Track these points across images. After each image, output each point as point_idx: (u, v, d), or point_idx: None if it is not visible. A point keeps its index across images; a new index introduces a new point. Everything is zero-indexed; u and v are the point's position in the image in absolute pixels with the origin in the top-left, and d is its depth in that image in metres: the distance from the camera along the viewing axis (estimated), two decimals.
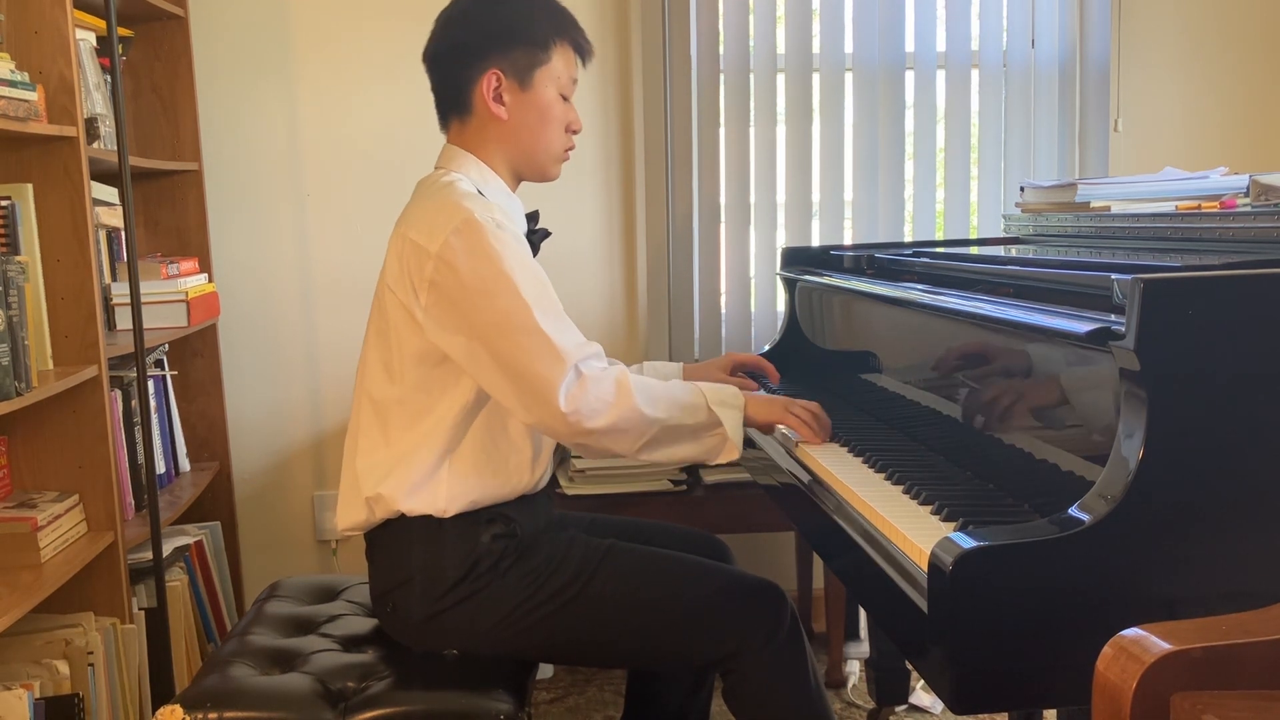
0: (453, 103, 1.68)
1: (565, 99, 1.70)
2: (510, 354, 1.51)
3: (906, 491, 1.43)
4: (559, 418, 1.51)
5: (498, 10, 1.66)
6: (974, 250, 2.25)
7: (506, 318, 1.51)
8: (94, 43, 2.29)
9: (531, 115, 1.66)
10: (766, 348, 2.45)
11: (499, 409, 1.60)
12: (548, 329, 1.52)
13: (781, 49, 2.86)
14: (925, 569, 1.15)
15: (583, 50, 1.72)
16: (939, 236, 2.91)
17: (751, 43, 2.83)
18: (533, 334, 1.51)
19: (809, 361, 2.31)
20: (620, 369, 1.60)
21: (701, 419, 1.61)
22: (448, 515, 1.58)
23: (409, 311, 1.56)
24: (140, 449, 2.31)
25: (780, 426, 1.74)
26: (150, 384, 2.40)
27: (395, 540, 1.61)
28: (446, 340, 1.54)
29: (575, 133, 1.73)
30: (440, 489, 1.58)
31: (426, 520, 1.59)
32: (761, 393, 1.85)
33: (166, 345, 2.64)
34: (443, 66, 1.68)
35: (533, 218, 1.75)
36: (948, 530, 1.25)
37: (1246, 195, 1.77)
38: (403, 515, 1.60)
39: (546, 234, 1.76)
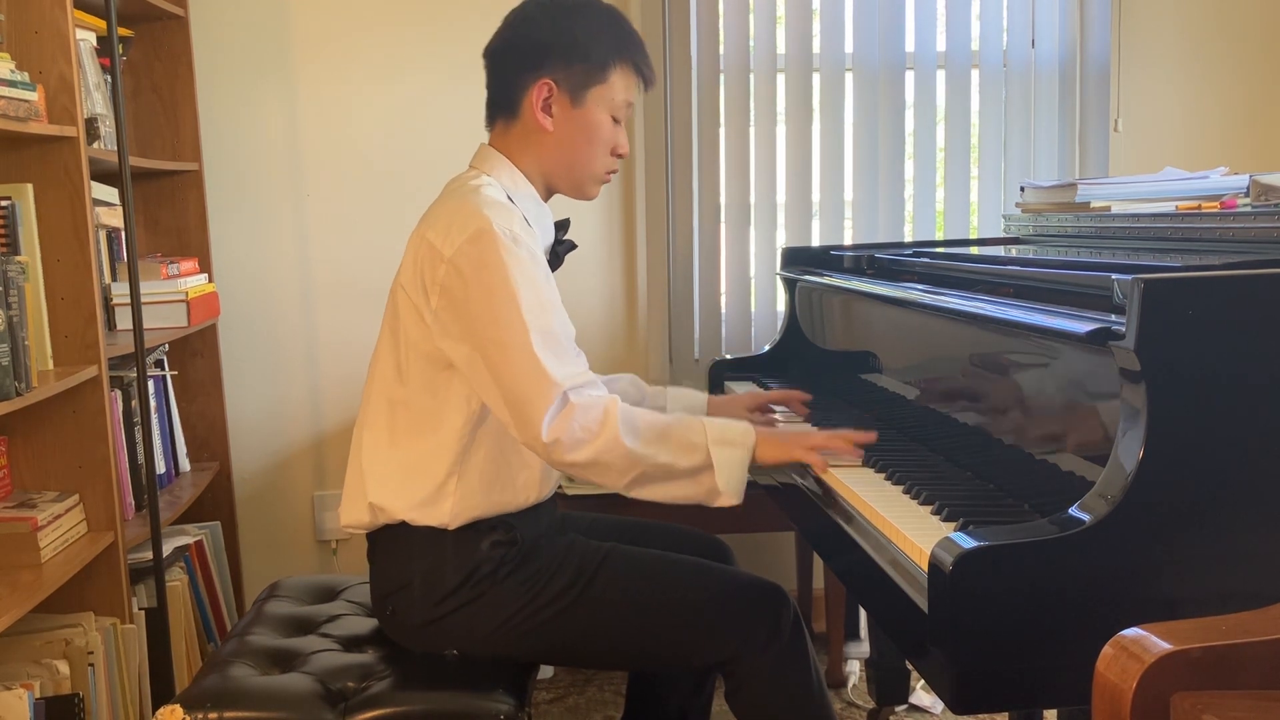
0: (502, 104, 1.66)
1: (616, 121, 1.66)
2: (504, 371, 1.50)
3: (906, 491, 1.43)
4: (541, 445, 1.49)
5: (565, 22, 1.62)
6: (974, 250, 2.26)
7: (504, 334, 1.49)
8: (94, 43, 2.29)
9: (577, 132, 1.64)
10: (767, 348, 2.45)
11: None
12: (540, 353, 1.49)
13: (781, 49, 2.86)
14: (925, 569, 1.15)
15: (645, 77, 1.68)
16: (939, 236, 2.91)
17: (751, 43, 2.83)
18: (526, 356, 1.49)
19: (809, 361, 2.31)
20: (612, 400, 1.54)
21: (698, 460, 1.54)
22: (451, 529, 1.58)
23: (419, 313, 1.55)
24: (140, 449, 2.31)
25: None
26: (150, 384, 2.40)
27: (396, 544, 1.61)
28: (450, 346, 1.53)
29: (620, 157, 1.70)
30: (446, 505, 1.57)
31: (428, 528, 1.58)
32: (782, 426, 1.82)
33: (166, 345, 2.64)
34: (499, 66, 1.66)
35: (563, 225, 1.73)
36: (948, 530, 1.25)
37: (1246, 195, 1.77)
38: (405, 523, 1.59)
39: (573, 246, 1.74)
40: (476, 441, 1.58)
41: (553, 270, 1.67)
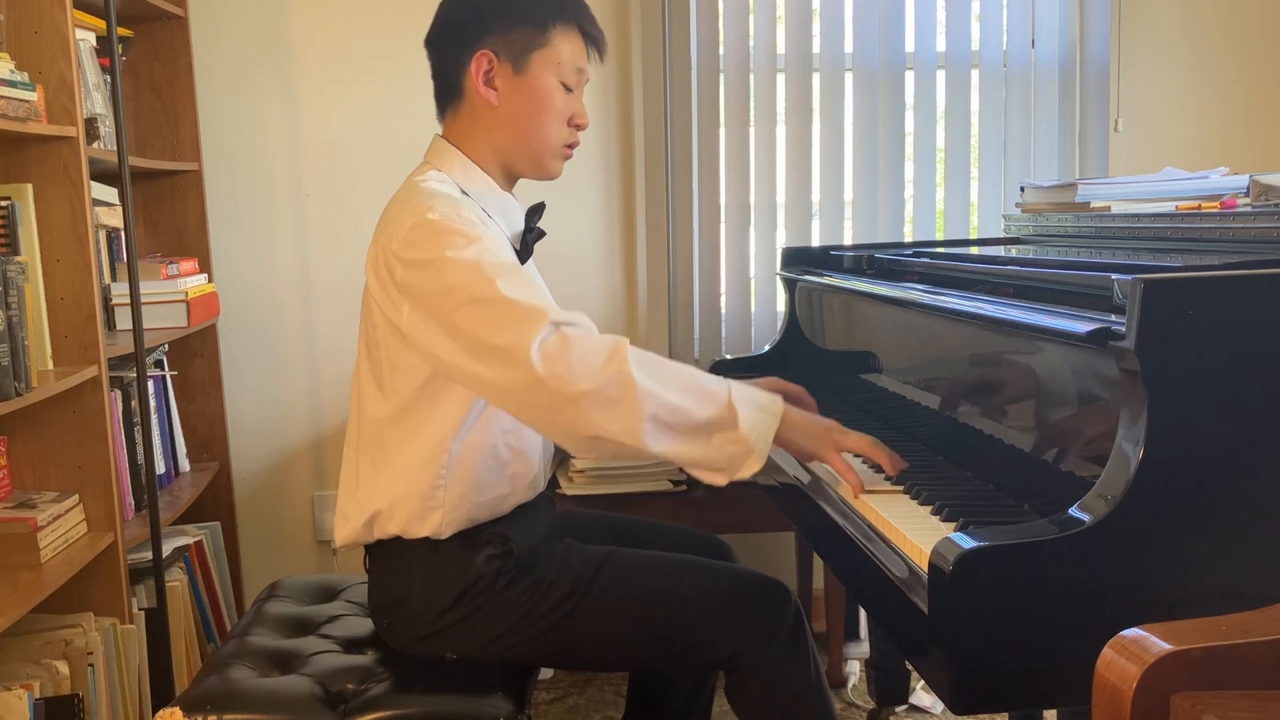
0: (447, 89, 1.62)
1: (569, 89, 1.60)
2: (474, 329, 1.40)
3: (906, 491, 1.43)
4: (536, 382, 1.35)
5: None
6: (974, 250, 2.26)
7: (466, 294, 1.40)
8: (94, 43, 2.29)
9: (526, 102, 1.57)
10: (766, 348, 2.45)
11: (491, 428, 1.55)
12: (515, 295, 1.39)
13: (781, 49, 2.86)
14: (925, 569, 1.15)
15: (592, 39, 1.62)
16: (939, 236, 2.91)
17: (751, 43, 2.83)
18: (496, 303, 1.39)
19: (809, 361, 2.31)
20: (620, 337, 1.42)
21: (715, 412, 1.40)
22: (444, 537, 1.56)
23: (392, 324, 1.51)
24: (140, 449, 2.31)
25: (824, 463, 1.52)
26: (150, 384, 2.40)
27: (393, 559, 1.59)
28: (429, 346, 1.46)
29: (580, 128, 1.63)
30: (436, 515, 1.55)
31: (423, 541, 1.57)
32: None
33: (166, 345, 2.64)
34: (438, 49, 1.62)
35: (536, 210, 1.67)
36: (948, 530, 1.25)
37: (1246, 195, 1.77)
38: (399, 536, 1.58)
39: (541, 234, 1.67)
40: (462, 452, 1.55)
41: (522, 261, 1.62)
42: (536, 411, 1.41)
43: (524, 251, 1.65)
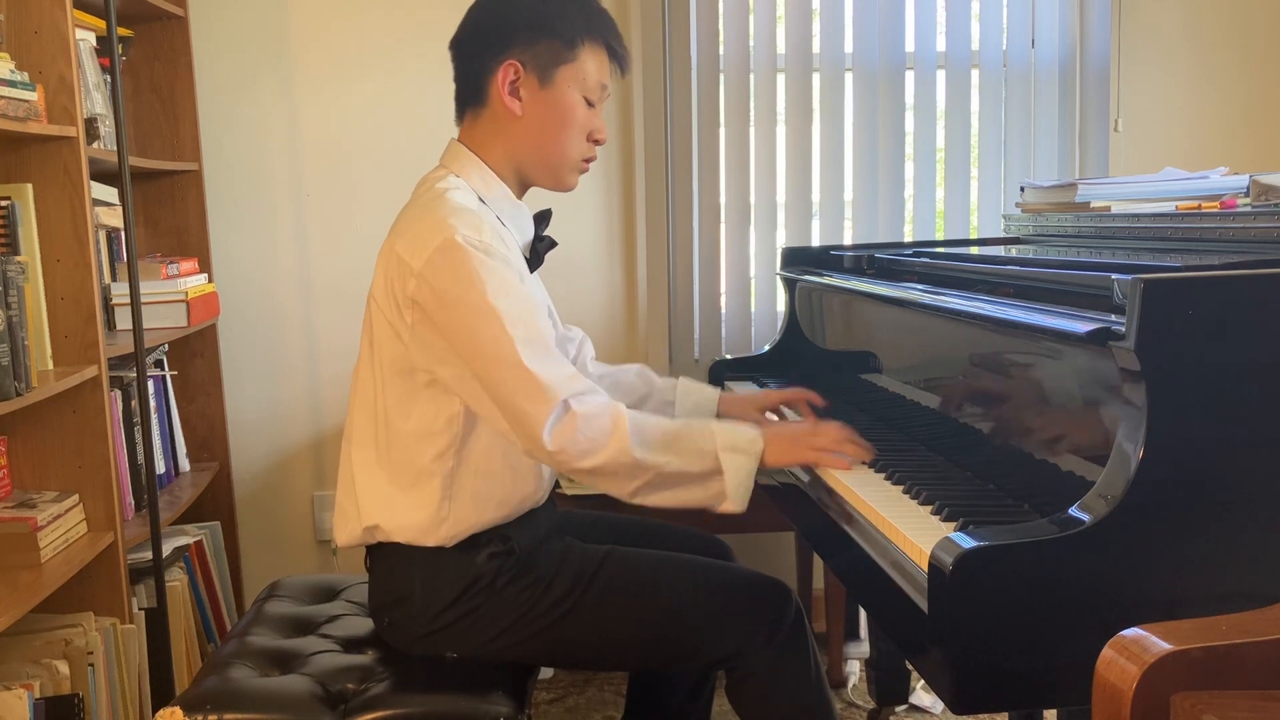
0: (469, 93, 1.62)
1: (591, 104, 1.61)
2: (495, 385, 1.47)
3: (906, 491, 1.43)
4: (546, 455, 1.47)
5: (529, 0, 1.59)
6: (974, 250, 2.26)
7: (489, 348, 1.46)
8: (94, 43, 2.29)
9: (549, 115, 1.59)
10: (766, 348, 2.45)
11: (495, 448, 1.56)
12: (531, 363, 1.45)
13: (781, 49, 2.86)
14: (925, 569, 1.15)
15: (618, 56, 1.63)
16: (939, 236, 2.91)
17: (751, 43, 2.83)
18: (515, 368, 1.45)
19: (809, 361, 2.31)
20: (619, 408, 1.51)
21: (708, 466, 1.52)
22: (448, 546, 1.57)
23: (395, 329, 1.52)
24: (140, 449, 2.31)
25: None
26: (150, 384, 2.40)
27: (394, 559, 1.59)
28: (437, 366, 1.50)
29: (598, 143, 1.64)
30: (442, 530, 1.55)
31: (426, 546, 1.57)
32: (789, 421, 1.80)
33: (166, 345, 2.64)
34: (464, 53, 1.62)
35: (544, 217, 1.69)
36: (948, 530, 1.25)
37: (1246, 195, 1.77)
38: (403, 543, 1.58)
39: (553, 243, 1.69)
40: (462, 463, 1.55)
41: (533, 269, 1.64)
42: (542, 462, 1.57)
43: (534, 260, 1.66)
